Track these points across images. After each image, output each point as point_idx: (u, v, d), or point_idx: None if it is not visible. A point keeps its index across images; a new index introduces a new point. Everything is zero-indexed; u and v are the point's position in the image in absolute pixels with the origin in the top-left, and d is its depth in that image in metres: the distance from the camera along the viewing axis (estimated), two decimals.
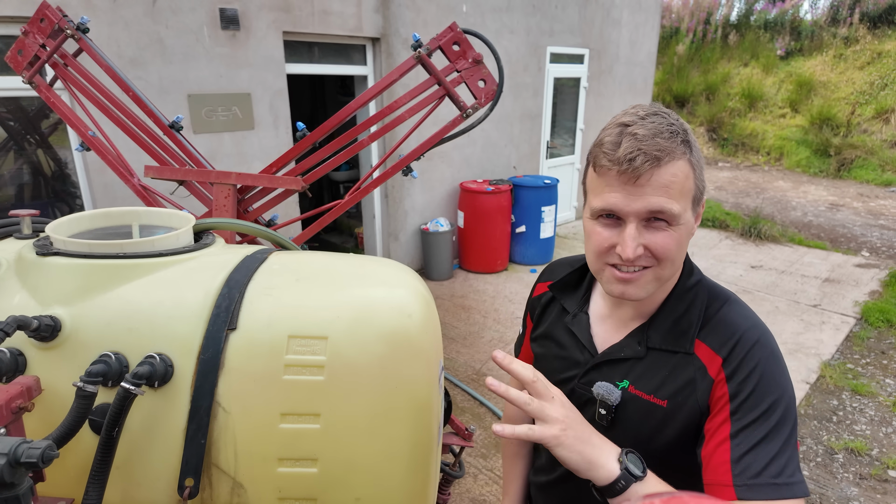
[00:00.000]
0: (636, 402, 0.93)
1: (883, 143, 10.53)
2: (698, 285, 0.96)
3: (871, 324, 4.74)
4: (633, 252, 0.85)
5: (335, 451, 0.87)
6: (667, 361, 0.92)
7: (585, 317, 1.06)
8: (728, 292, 0.98)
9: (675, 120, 0.86)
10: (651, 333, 0.95)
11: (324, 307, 0.94)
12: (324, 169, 2.15)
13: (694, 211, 0.90)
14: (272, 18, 4.18)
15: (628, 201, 0.84)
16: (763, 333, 0.89)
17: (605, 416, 0.95)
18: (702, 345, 0.90)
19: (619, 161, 0.82)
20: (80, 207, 3.79)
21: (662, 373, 0.92)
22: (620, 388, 0.95)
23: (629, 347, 0.96)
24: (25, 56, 2.09)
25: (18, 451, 0.64)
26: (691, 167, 0.86)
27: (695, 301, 0.94)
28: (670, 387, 0.90)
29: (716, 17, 14.01)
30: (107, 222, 1.12)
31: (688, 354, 0.91)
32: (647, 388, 0.93)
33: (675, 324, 0.94)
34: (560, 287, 1.14)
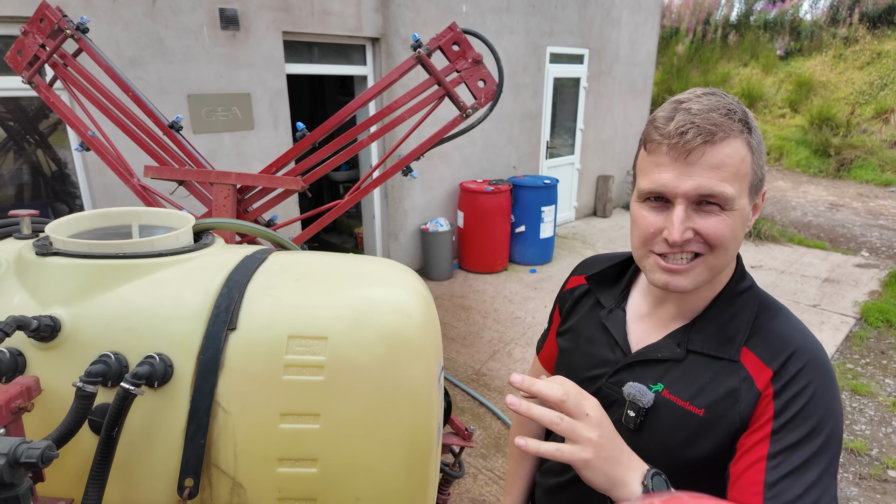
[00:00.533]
0: (670, 407, 0.86)
1: (882, 143, 10.53)
2: (750, 291, 0.90)
3: (870, 324, 4.74)
4: (681, 235, 0.78)
5: (335, 451, 0.87)
6: (708, 367, 0.85)
7: (622, 313, 0.99)
8: (780, 304, 0.91)
9: (734, 100, 0.80)
10: (693, 335, 0.88)
11: (323, 307, 0.94)
12: (323, 169, 2.15)
13: (751, 199, 0.82)
14: (272, 18, 4.18)
15: (678, 181, 0.78)
16: (818, 351, 0.82)
17: (634, 418, 0.88)
18: (750, 354, 0.83)
19: (670, 135, 0.77)
20: (80, 207, 3.79)
21: (702, 379, 0.84)
22: (654, 391, 0.88)
23: (667, 348, 0.89)
24: (25, 56, 2.09)
25: (18, 452, 0.64)
26: (749, 149, 0.79)
27: (744, 307, 0.87)
28: (710, 395, 0.83)
29: (715, 17, 14.01)
30: (106, 222, 1.12)
31: (732, 362, 0.83)
32: (683, 394, 0.85)
33: (721, 328, 0.86)
34: (597, 279, 1.07)
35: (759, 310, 0.87)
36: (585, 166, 7.83)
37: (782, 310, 0.89)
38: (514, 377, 0.77)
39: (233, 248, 1.09)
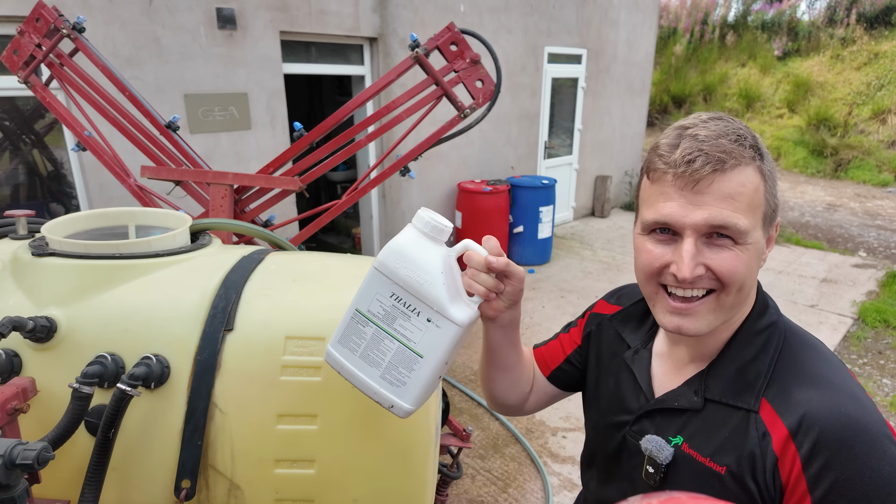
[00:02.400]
0: (690, 463, 0.79)
1: (880, 144, 10.56)
2: (773, 327, 0.80)
3: (868, 324, 4.75)
4: (692, 272, 0.72)
5: (332, 452, 0.87)
6: (727, 419, 0.77)
7: (647, 354, 0.92)
8: (812, 339, 0.81)
9: (742, 125, 0.75)
10: (710, 382, 0.80)
11: (321, 308, 0.93)
12: (321, 169, 2.15)
13: (765, 231, 0.76)
14: (269, 18, 4.18)
15: (685, 211, 0.72)
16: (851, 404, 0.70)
17: (654, 475, 0.82)
18: (767, 406, 0.74)
19: (676, 163, 0.71)
20: (76, 208, 3.78)
21: (722, 432, 0.76)
22: (673, 444, 0.81)
23: (684, 397, 0.82)
24: (21, 56, 2.08)
25: (14, 453, 0.63)
26: (762, 177, 0.73)
27: (766, 346, 0.78)
28: (730, 451, 0.75)
29: (713, 17, 14.03)
30: (103, 223, 1.11)
31: (750, 412, 0.75)
32: (703, 450, 0.78)
33: (740, 373, 0.78)
34: (622, 318, 1.00)
35: (783, 350, 0.79)
36: (583, 166, 7.83)
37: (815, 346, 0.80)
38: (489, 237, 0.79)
39: (230, 249, 1.09)
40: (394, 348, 0.75)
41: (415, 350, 0.74)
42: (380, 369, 0.75)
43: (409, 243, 0.75)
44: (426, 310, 0.74)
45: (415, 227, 0.76)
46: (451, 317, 0.74)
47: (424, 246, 0.75)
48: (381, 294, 0.75)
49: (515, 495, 2.78)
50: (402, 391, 0.75)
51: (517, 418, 3.33)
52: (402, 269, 0.74)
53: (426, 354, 0.74)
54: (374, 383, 0.76)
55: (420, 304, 0.74)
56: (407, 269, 0.74)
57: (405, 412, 0.76)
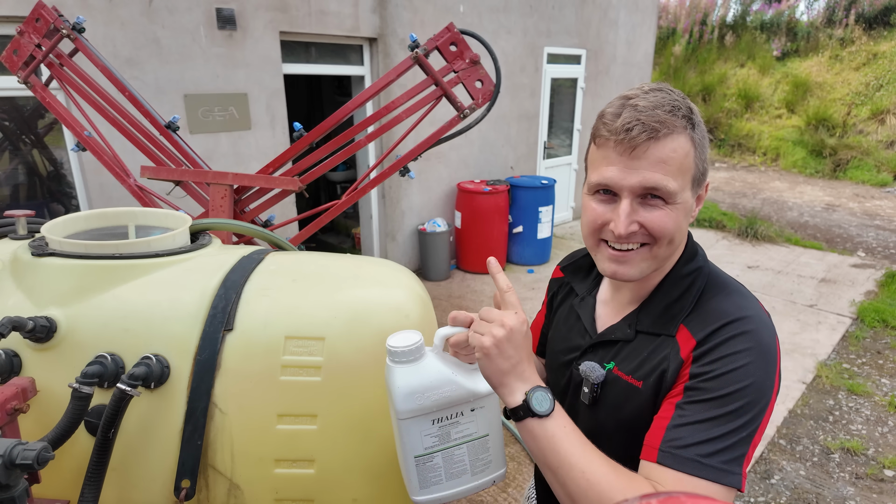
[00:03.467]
0: (617, 382, 0.91)
1: (878, 144, 10.57)
2: (698, 272, 0.92)
3: (866, 324, 4.76)
4: (626, 228, 0.82)
5: (332, 451, 0.87)
6: (650, 344, 0.90)
7: (592, 300, 1.05)
8: (734, 283, 0.92)
9: (679, 96, 0.84)
10: (641, 317, 0.93)
11: (321, 308, 0.94)
12: (321, 169, 2.15)
13: (694, 192, 0.86)
14: (269, 18, 4.18)
15: (623, 175, 0.82)
16: (756, 327, 0.82)
17: (588, 394, 0.94)
18: (684, 329, 0.87)
19: (617, 131, 0.80)
20: (76, 208, 3.77)
21: (643, 355, 0.90)
22: (607, 368, 0.94)
23: (620, 330, 0.95)
24: (21, 56, 2.08)
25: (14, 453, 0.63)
26: (692, 144, 0.83)
27: (690, 287, 0.90)
28: (646, 368, 0.88)
29: (712, 17, 14.04)
30: (103, 223, 1.12)
31: (669, 337, 0.88)
32: (627, 369, 0.91)
33: (667, 309, 0.90)
34: (572, 270, 1.14)
35: (706, 289, 0.90)
36: (583, 167, 7.84)
37: (733, 287, 0.90)
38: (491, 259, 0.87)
39: (230, 249, 1.09)
40: (465, 450, 0.82)
41: (480, 436, 0.83)
42: (468, 472, 0.83)
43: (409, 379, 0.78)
44: (465, 405, 0.81)
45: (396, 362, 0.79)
46: (484, 393, 0.81)
47: (419, 369, 0.79)
48: (424, 430, 0.80)
49: (515, 495, 2.78)
50: (491, 467, 0.84)
51: None
52: (423, 401, 0.78)
53: (490, 430, 0.83)
54: (472, 484, 0.83)
55: (457, 407, 0.81)
56: (427, 397, 0.78)
57: (503, 475, 0.86)
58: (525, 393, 0.76)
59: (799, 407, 3.59)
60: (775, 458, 3.10)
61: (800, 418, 3.48)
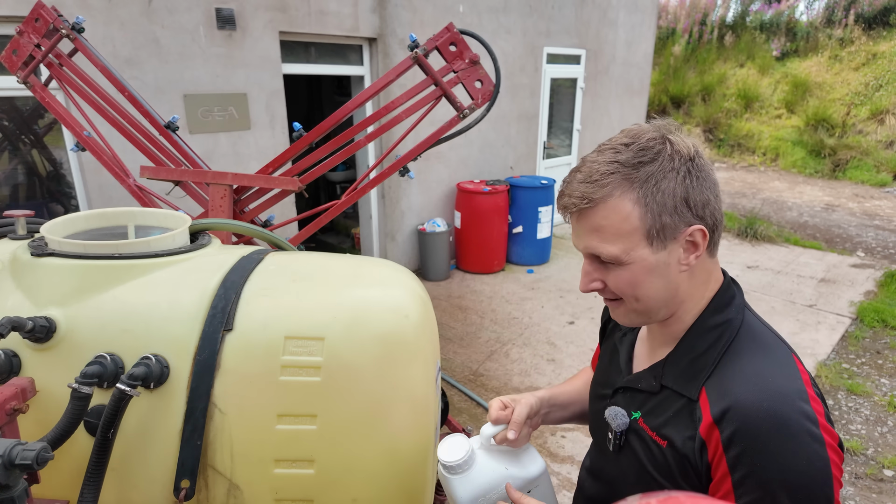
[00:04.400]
0: (641, 435, 0.90)
1: (878, 144, 10.58)
2: (726, 325, 0.86)
3: (866, 324, 4.76)
4: (586, 286, 0.87)
5: (332, 452, 0.87)
6: (675, 402, 0.86)
7: (633, 337, 1.03)
8: (766, 338, 0.85)
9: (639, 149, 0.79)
10: (667, 370, 0.89)
11: (320, 308, 0.93)
12: (320, 169, 2.15)
13: (658, 246, 0.81)
14: (268, 18, 4.17)
15: (575, 240, 0.86)
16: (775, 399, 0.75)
17: (612, 441, 0.94)
18: (704, 395, 0.82)
19: (558, 201, 0.86)
20: (76, 208, 3.77)
21: (669, 413, 0.86)
22: (633, 417, 0.92)
23: (646, 380, 0.92)
24: (20, 56, 2.08)
25: (13, 453, 0.63)
26: (635, 203, 0.79)
27: (716, 342, 0.85)
28: (671, 429, 0.85)
29: (712, 17, 14.04)
30: (102, 223, 1.11)
31: (692, 401, 0.83)
32: (652, 424, 0.88)
33: (691, 364, 0.86)
34: None
35: (732, 346, 0.84)
36: None
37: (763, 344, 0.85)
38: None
39: (229, 249, 1.09)
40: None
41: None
42: None
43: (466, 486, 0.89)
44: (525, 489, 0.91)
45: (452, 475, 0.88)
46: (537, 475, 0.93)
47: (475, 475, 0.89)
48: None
49: None
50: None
51: None
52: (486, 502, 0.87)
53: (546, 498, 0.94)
54: None
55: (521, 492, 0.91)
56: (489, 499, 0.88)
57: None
58: None
59: None
60: None
61: None
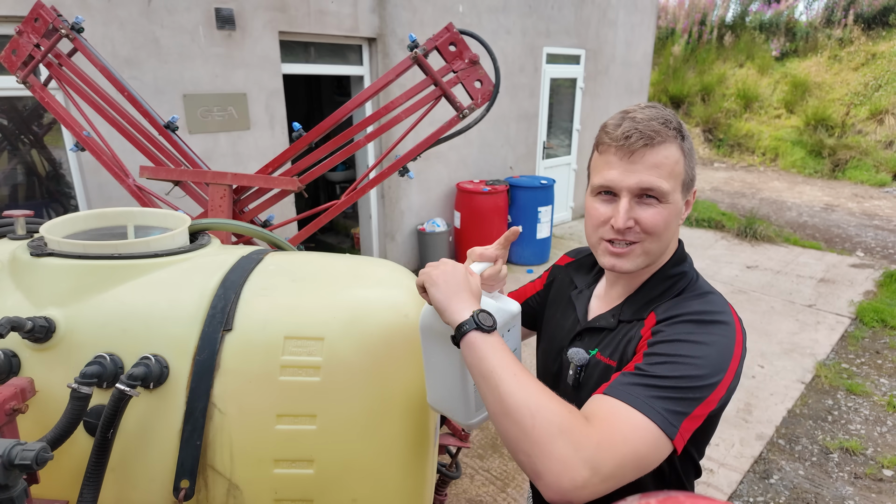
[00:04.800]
0: (598, 365, 1.01)
1: (877, 144, 10.58)
2: (682, 276, 1.01)
3: (865, 324, 4.76)
4: (624, 223, 0.93)
5: (331, 451, 0.87)
6: (628, 331, 0.99)
7: (589, 293, 1.15)
8: (715, 293, 1.00)
9: (670, 114, 0.96)
10: (625, 308, 1.03)
11: (320, 308, 0.93)
12: (320, 169, 2.15)
13: (683, 195, 0.97)
14: (268, 18, 4.17)
15: (623, 177, 0.92)
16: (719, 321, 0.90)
17: (573, 376, 1.05)
18: (652, 314, 0.96)
19: (618, 138, 0.92)
20: (75, 208, 3.77)
21: (620, 339, 1.00)
22: (591, 354, 1.03)
23: (604, 319, 1.05)
24: (20, 56, 2.08)
25: (12, 453, 0.63)
26: (682, 153, 0.94)
27: (672, 287, 1.00)
28: (620, 349, 0.98)
29: (711, 18, 14.05)
30: (101, 223, 1.11)
31: (640, 321, 0.98)
32: (606, 353, 1.01)
33: (647, 302, 1.00)
34: (576, 265, 1.25)
35: (686, 290, 0.99)
36: (582, 167, 7.83)
37: (710, 296, 0.98)
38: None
39: (229, 249, 1.09)
40: None
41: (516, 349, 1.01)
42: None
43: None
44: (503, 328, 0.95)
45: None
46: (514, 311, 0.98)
47: None
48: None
49: (514, 495, 2.78)
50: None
51: None
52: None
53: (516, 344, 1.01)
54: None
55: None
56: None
57: None
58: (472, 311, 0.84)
59: (798, 407, 3.60)
60: (774, 457, 3.11)
61: (799, 418, 3.48)
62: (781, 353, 4.13)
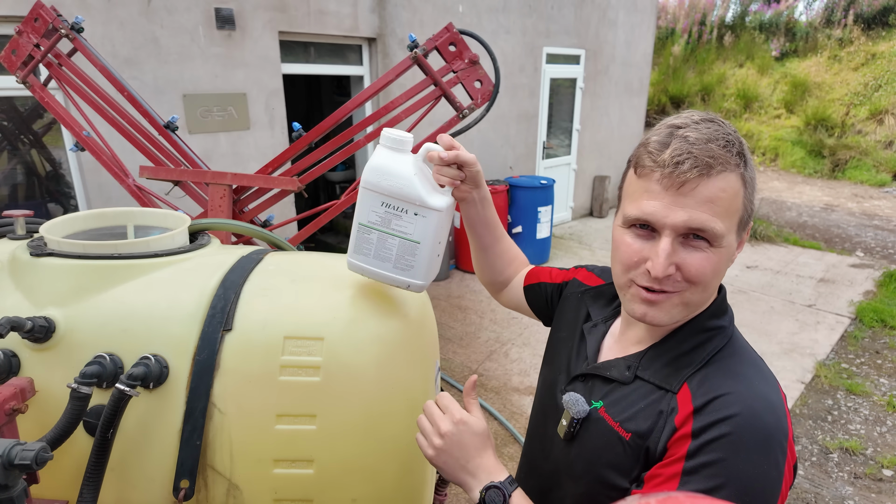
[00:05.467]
0: (601, 425, 0.83)
1: (877, 144, 10.58)
2: (720, 330, 0.82)
3: (865, 323, 4.76)
4: (664, 270, 0.74)
5: (331, 451, 0.87)
6: (648, 395, 0.80)
7: (604, 328, 0.97)
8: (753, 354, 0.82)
9: (731, 130, 0.75)
10: (646, 361, 0.83)
11: (320, 308, 0.94)
12: (320, 169, 2.15)
13: (738, 235, 0.78)
14: (268, 18, 4.17)
15: (667, 211, 0.73)
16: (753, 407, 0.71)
17: (567, 428, 0.86)
18: (686, 388, 0.77)
19: (665, 163, 0.72)
20: (75, 208, 3.77)
21: (639, 405, 0.80)
22: (593, 406, 0.85)
23: (617, 369, 0.85)
24: (19, 55, 2.08)
25: (12, 453, 0.63)
26: (743, 184, 0.74)
27: (705, 344, 0.80)
28: (639, 422, 0.78)
29: (711, 18, 14.05)
30: (101, 223, 1.11)
31: (670, 393, 0.78)
32: (617, 416, 0.81)
33: (675, 360, 0.81)
34: (594, 294, 1.04)
35: (723, 349, 0.80)
36: (582, 167, 7.84)
37: (748, 357, 0.81)
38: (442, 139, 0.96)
39: (229, 249, 1.09)
40: (396, 243, 0.93)
41: (412, 239, 0.92)
42: (391, 262, 0.94)
43: (383, 159, 0.91)
44: (411, 207, 0.91)
45: (383, 146, 0.92)
46: (431, 206, 0.91)
47: (395, 158, 0.91)
48: (374, 206, 0.92)
49: None
50: (412, 272, 0.94)
51: (516, 419, 3.33)
52: (383, 181, 0.90)
53: (422, 240, 0.93)
54: (390, 273, 0.94)
55: (406, 203, 0.91)
56: (387, 180, 0.90)
57: (419, 287, 0.96)
58: (479, 492, 0.79)
59: (798, 407, 3.60)
60: None
61: (798, 418, 3.48)
62: (781, 353, 4.13)
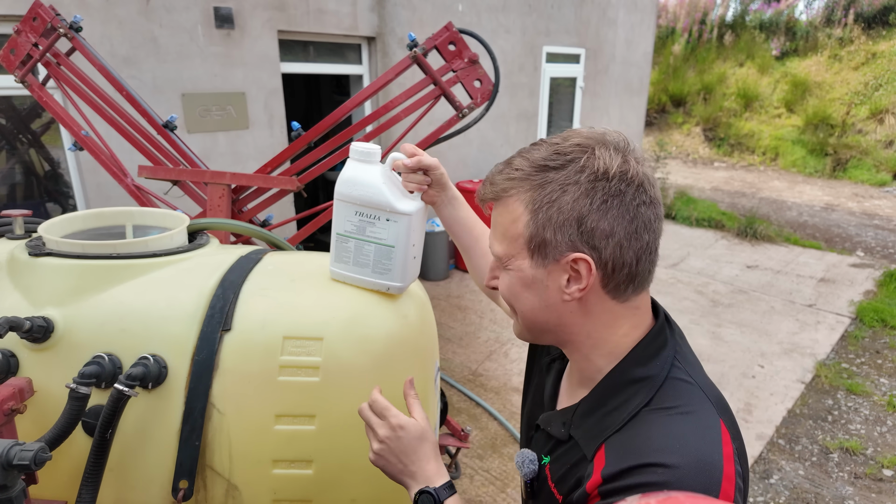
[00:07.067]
0: (544, 485, 0.80)
1: (877, 144, 10.58)
2: (645, 382, 0.73)
3: (865, 323, 4.76)
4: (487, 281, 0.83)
5: (330, 452, 0.87)
6: (576, 455, 0.75)
7: (562, 366, 0.90)
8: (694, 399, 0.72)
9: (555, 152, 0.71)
10: (576, 418, 0.78)
11: (319, 308, 0.93)
12: (319, 169, 2.15)
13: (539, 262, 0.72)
14: (267, 17, 4.17)
15: None
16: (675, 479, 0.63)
17: (524, 488, 0.85)
18: (601, 453, 0.71)
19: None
20: (73, 207, 3.76)
21: (567, 465, 0.76)
22: (544, 462, 0.81)
23: (556, 426, 0.81)
24: (18, 55, 2.08)
25: (11, 454, 0.63)
26: (526, 207, 0.71)
27: (630, 400, 0.72)
28: (566, 482, 0.75)
29: (711, 17, 14.04)
30: (100, 222, 1.11)
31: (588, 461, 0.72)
32: (554, 476, 0.78)
33: (600, 419, 0.74)
34: None
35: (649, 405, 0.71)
36: None
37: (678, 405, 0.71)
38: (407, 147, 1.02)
39: (228, 249, 1.09)
40: (373, 249, 1.00)
41: (386, 244, 0.99)
42: (369, 267, 1.00)
43: (353, 171, 0.97)
44: (383, 213, 0.97)
45: (352, 159, 0.98)
46: (401, 210, 0.97)
47: (364, 169, 0.98)
48: (348, 216, 0.99)
49: (514, 495, 2.78)
50: (390, 275, 1.01)
51: (516, 419, 3.33)
52: (354, 191, 0.97)
53: (395, 244, 0.99)
54: (370, 278, 1.01)
55: (377, 210, 0.97)
56: (358, 190, 0.97)
57: (398, 289, 1.03)
58: (414, 493, 0.79)
59: (798, 407, 3.60)
60: (774, 457, 3.11)
61: (799, 418, 3.48)
62: (781, 353, 4.13)
